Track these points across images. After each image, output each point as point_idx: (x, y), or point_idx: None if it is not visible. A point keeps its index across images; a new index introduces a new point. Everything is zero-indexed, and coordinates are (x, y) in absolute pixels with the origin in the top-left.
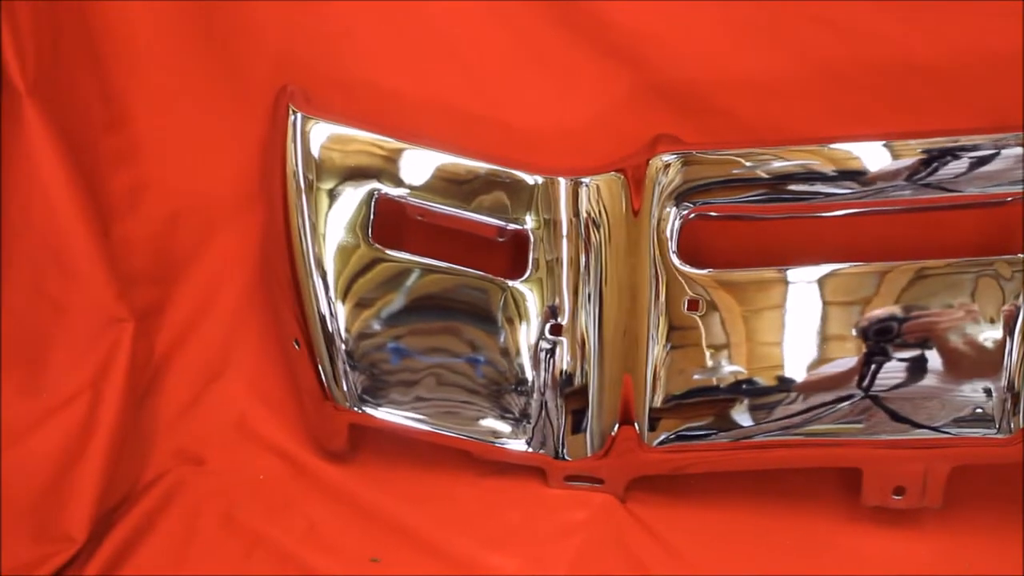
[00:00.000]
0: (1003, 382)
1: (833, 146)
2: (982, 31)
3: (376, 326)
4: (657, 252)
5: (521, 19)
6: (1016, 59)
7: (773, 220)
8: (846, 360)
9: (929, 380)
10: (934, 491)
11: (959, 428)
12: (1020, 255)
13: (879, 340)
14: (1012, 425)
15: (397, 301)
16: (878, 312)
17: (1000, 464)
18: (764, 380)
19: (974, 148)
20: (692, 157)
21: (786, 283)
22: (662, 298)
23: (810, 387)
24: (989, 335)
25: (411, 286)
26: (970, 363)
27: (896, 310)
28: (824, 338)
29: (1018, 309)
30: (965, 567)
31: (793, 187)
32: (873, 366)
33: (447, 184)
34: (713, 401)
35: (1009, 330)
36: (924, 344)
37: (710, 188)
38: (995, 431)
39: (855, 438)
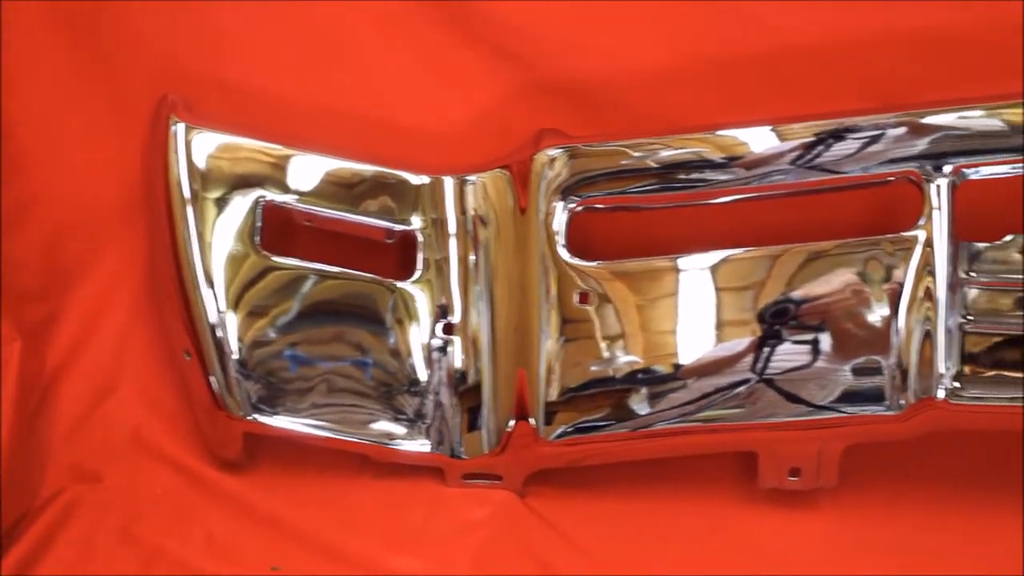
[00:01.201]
0: (892, 359)
1: (721, 132)
2: (861, 11)
3: (267, 334)
4: (546, 247)
5: (405, 19)
6: (897, 38)
7: (664, 209)
8: (740, 345)
9: (821, 361)
10: (828, 471)
11: (851, 407)
12: (902, 233)
13: (771, 324)
14: (902, 401)
15: (287, 308)
16: (770, 296)
17: (892, 441)
18: (660, 369)
19: (857, 129)
20: (578, 150)
21: (678, 271)
22: (553, 292)
23: (705, 373)
24: (877, 314)
25: (301, 292)
26: (860, 342)
27: (787, 293)
28: (718, 324)
29: (901, 287)
30: (861, 544)
31: (682, 175)
32: (766, 350)
33: (333, 188)
34: (609, 392)
35: (894, 308)
36: (815, 326)
37: (597, 180)
38: (886, 408)
39: (750, 422)
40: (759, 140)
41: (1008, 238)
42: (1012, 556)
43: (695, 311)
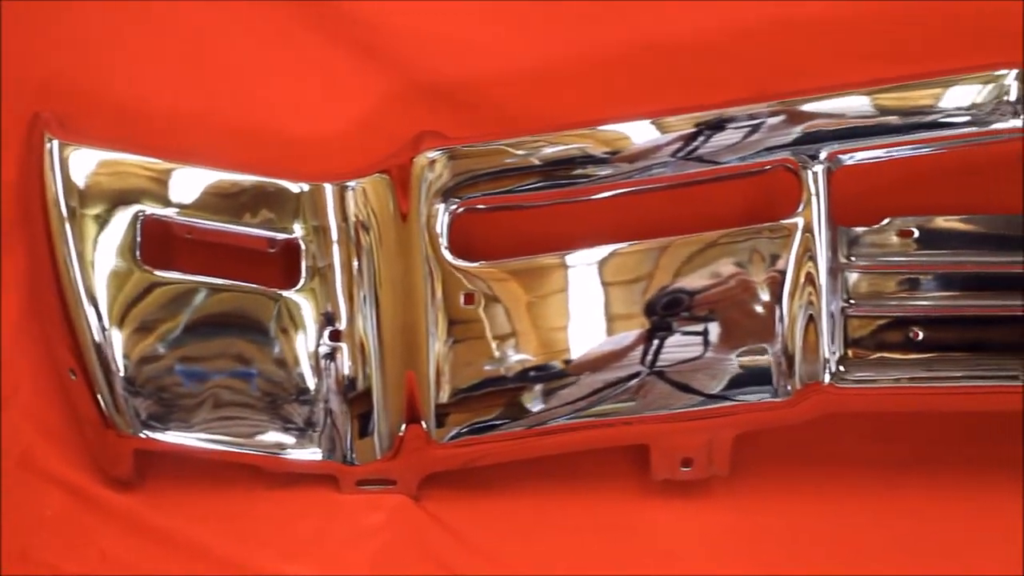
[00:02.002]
0: (778, 346)
1: (603, 128)
2: (731, 3)
3: (154, 349)
4: (429, 249)
5: (275, 25)
6: (767, 27)
7: (549, 207)
8: (629, 338)
9: (709, 351)
10: (720, 460)
11: (740, 395)
12: (782, 221)
13: (660, 316)
14: (789, 387)
15: (173, 322)
16: (657, 288)
17: (782, 426)
18: (551, 366)
19: (733, 120)
20: (458, 151)
21: (566, 267)
22: (438, 295)
23: (596, 368)
24: (761, 301)
25: (186, 306)
26: (746, 330)
27: (674, 285)
28: (607, 318)
29: (783, 274)
30: (757, 531)
31: (566, 171)
32: (655, 342)
33: (213, 199)
34: (501, 391)
35: (778, 295)
36: (702, 316)
37: (478, 181)
38: (773, 395)
39: (642, 414)
40: (640, 133)
41: (885, 221)
42: (905, 535)
43: (584, 307)
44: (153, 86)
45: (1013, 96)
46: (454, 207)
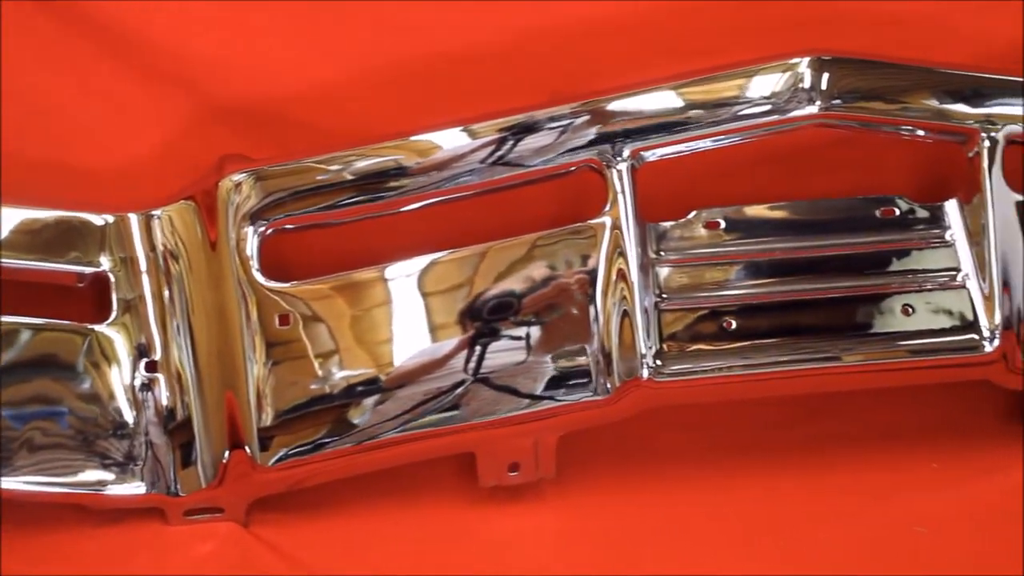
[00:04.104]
0: (595, 345)
1: (415, 138)
2: (538, 13)
3: None
4: (241, 273)
5: (66, 57)
6: (566, 31)
7: (363, 221)
8: (452, 347)
9: (530, 354)
10: (546, 462)
11: (561, 396)
12: (590, 221)
13: (481, 322)
14: (608, 385)
15: None
16: (477, 295)
17: (605, 424)
18: (376, 380)
19: (535, 123)
20: (264, 172)
21: (385, 280)
22: (253, 318)
23: (421, 379)
24: (577, 301)
25: None
26: (564, 331)
27: (493, 290)
28: (430, 328)
29: (595, 272)
30: (589, 529)
31: (378, 185)
32: (478, 348)
33: (17, 237)
34: (326, 410)
35: (591, 294)
36: (522, 320)
37: (287, 200)
38: (594, 393)
39: (468, 422)
40: (451, 141)
41: (692, 214)
42: (739, 522)
43: (406, 318)
44: None
45: (807, 84)
46: (263, 229)
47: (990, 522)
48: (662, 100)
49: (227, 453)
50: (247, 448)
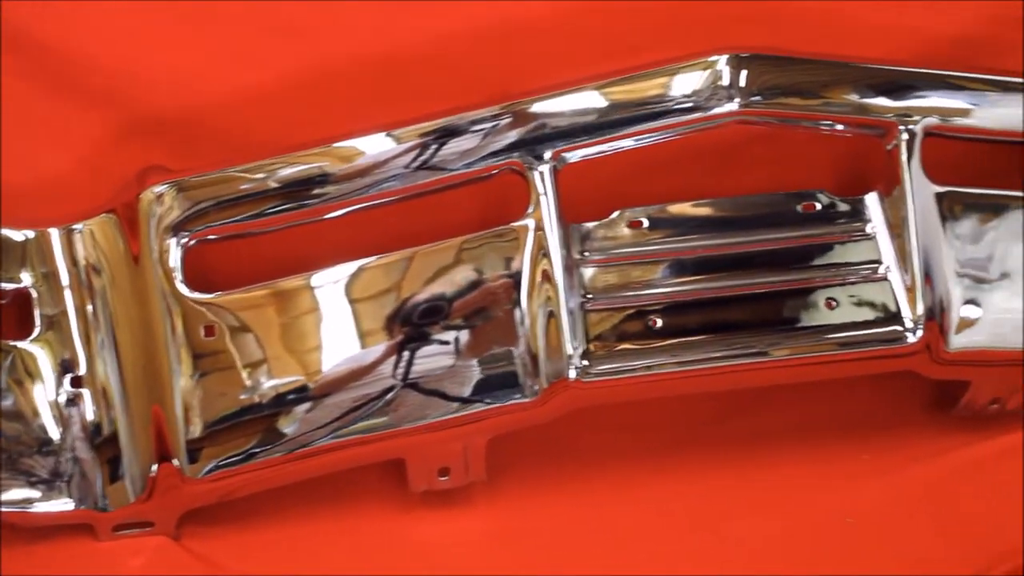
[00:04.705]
0: (522, 347)
1: (338, 144)
2: (457, 15)
3: None
4: (165, 285)
5: None
6: (483, 33)
7: (289, 229)
8: (381, 352)
9: (458, 358)
10: (476, 465)
11: (490, 399)
12: (514, 224)
13: (409, 327)
14: (536, 387)
15: None
16: (405, 300)
17: (533, 426)
18: (305, 388)
19: (458, 126)
20: (186, 183)
21: (312, 288)
22: (179, 330)
23: (351, 386)
24: (503, 304)
25: None
26: (491, 334)
27: (421, 295)
28: (358, 335)
29: (520, 275)
30: (521, 531)
31: (302, 192)
32: (406, 354)
33: None
34: (255, 419)
35: (517, 296)
36: (450, 324)
37: (210, 210)
38: (521, 395)
39: (398, 428)
40: (375, 147)
41: (615, 214)
42: (669, 517)
43: (334, 325)
44: None
45: (726, 81)
46: (186, 240)
47: (919, 510)
48: (583, 101)
49: (155, 466)
50: (175, 461)
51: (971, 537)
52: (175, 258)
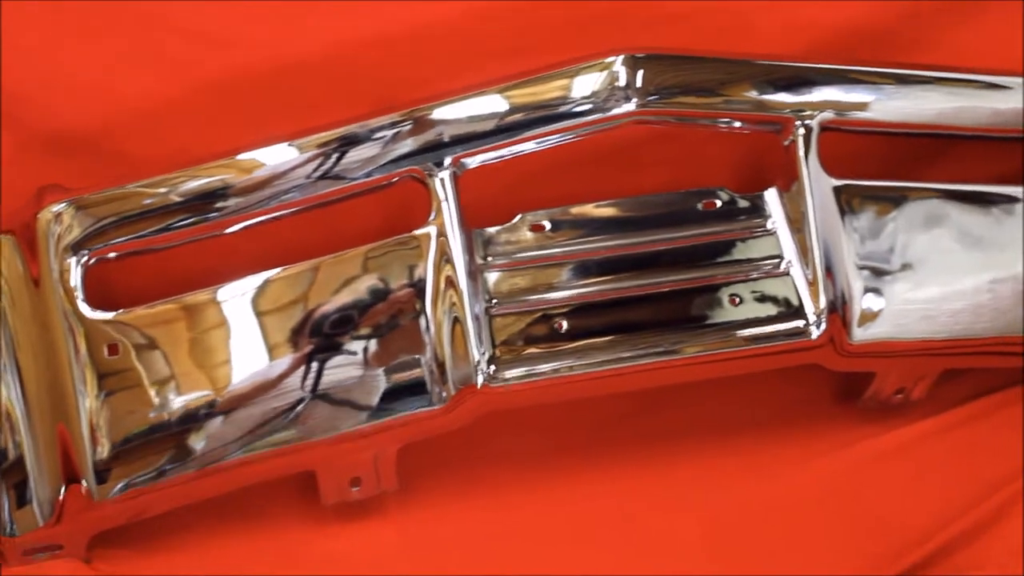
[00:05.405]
0: (428, 354)
1: (241, 156)
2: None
3: None
4: (66, 305)
5: None
6: (382, 40)
7: (193, 244)
8: (290, 364)
9: (366, 367)
10: (387, 475)
11: (398, 407)
12: (416, 231)
13: (317, 338)
14: (444, 394)
15: None
16: (312, 311)
17: (443, 433)
18: (214, 403)
19: (357, 135)
20: (86, 200)
21: (220, 302)
22: (82, 350)
23: (261, 399)
24: (408, 311)
25: None
26: (398, 342)
27: (328, 305)
28: (267, 347)
29: (424, 282)
30: (435, 539)
31: (205, 206)
32: (315, 365)
33: None
34: (164, 437)
35: (422, 303)
36: (357, 334)
37: (110, 228)
38: (430, 403)
39: (308, 440)
40: (276, 158)
41: (517, 218)
42: (584, 519)
43: (243, 339)
44: None
45: (623, 81)
46: (86, 259)
47: (828, 501)
48: (481, 106)
49: (63, 489)
50: (84, 482)
51: (879, 528)
52: (76, 277)
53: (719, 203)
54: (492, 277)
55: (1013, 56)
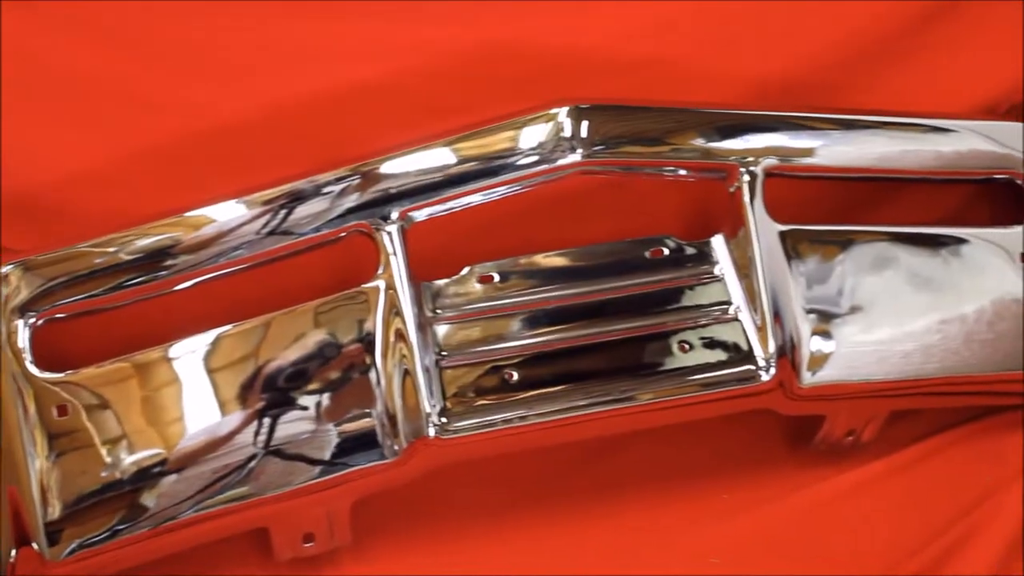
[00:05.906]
0: (379, 407)
1: (189, 213)
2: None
3: None
4: (15, 367)
5: None
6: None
7: (141, 303)
8: (242, 420)
9: (317, 422)
10: (341, 529)
11: (351, 461)
12: (364, 286)
13: (269, 394)
14: (396, 447)
15: None
16: (263, 366)
17: (395, 487)
18: (167, 461)
19: (302, 191)
20: (32, 262)
21: (171, 359)
22: (31, 412)
23: (213, 456)
24: (359, 365)
25: None
26: (349, 396)
27: (279, 361)
28: (219, 404)
29: (373, 335)
30: None
31: (153, 264)
32: (267, 420)
33: None
34: (118, 496)
35: (372, 357)
36: (308, 389)
37: (57, 289)
38: (381, 456)
39: (259, 496)
40: (225, 214)
41: (465, 270)
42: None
43: (195, 396)
44: None
45: (568, 132)
46: (33, 320)
47: (782, 545)
48: (426, 160)
49: (13, 552)
50: (35, 544)
51: (830, 571)
52: (23, 339)
53: (666, 251)
54: (442, 329)
55: (946, 98)
